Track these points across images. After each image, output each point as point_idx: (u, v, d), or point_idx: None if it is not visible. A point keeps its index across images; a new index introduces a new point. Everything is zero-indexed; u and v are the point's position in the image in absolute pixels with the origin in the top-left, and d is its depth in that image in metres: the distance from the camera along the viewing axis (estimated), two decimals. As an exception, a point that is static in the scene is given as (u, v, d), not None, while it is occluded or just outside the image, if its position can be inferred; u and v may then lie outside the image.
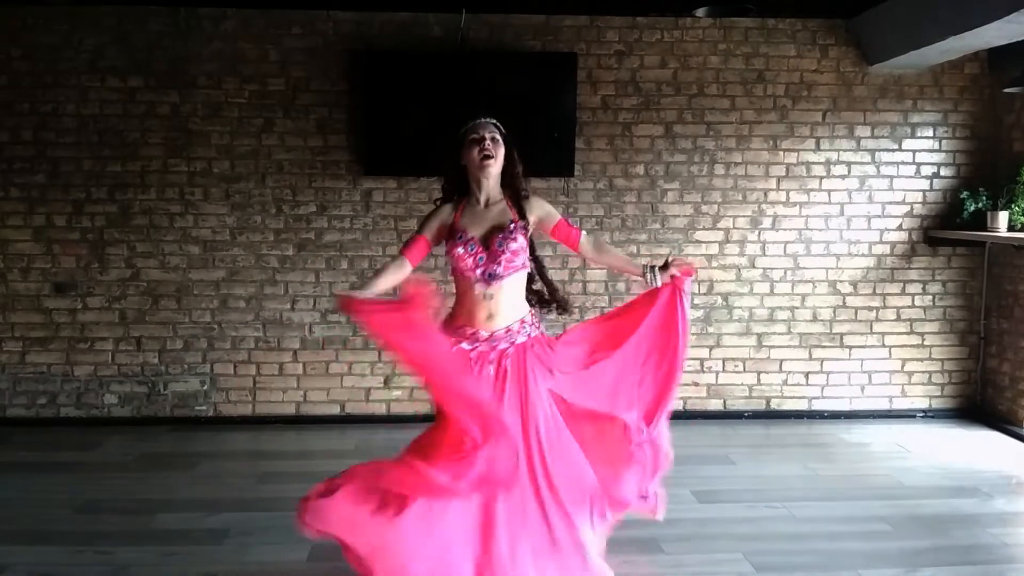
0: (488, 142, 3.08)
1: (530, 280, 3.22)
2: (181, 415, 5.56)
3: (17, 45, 5.33)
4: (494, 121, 3.16)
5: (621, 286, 5.62)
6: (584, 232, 3.24)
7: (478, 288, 3.03)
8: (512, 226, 3.06)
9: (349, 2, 5.33)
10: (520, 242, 3.06)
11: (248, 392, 5.59)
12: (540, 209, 3.18)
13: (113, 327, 5.51)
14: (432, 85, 5.37)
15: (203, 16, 5.39)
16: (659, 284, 3.16)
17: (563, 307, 3.26)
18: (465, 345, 3.03)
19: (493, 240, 3.03)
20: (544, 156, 5.42)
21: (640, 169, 5.63)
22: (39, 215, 5.43)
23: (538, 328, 3.15)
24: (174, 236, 5.49)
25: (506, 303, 3.06)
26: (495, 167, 3.10)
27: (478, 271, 3.02)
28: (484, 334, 3.03)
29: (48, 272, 5.46)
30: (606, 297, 5.65)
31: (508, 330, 3.05)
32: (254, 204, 5.50)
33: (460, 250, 3.03)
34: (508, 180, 3.17)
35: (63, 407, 5.53)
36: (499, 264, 3.01)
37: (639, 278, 3.24)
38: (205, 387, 5.57)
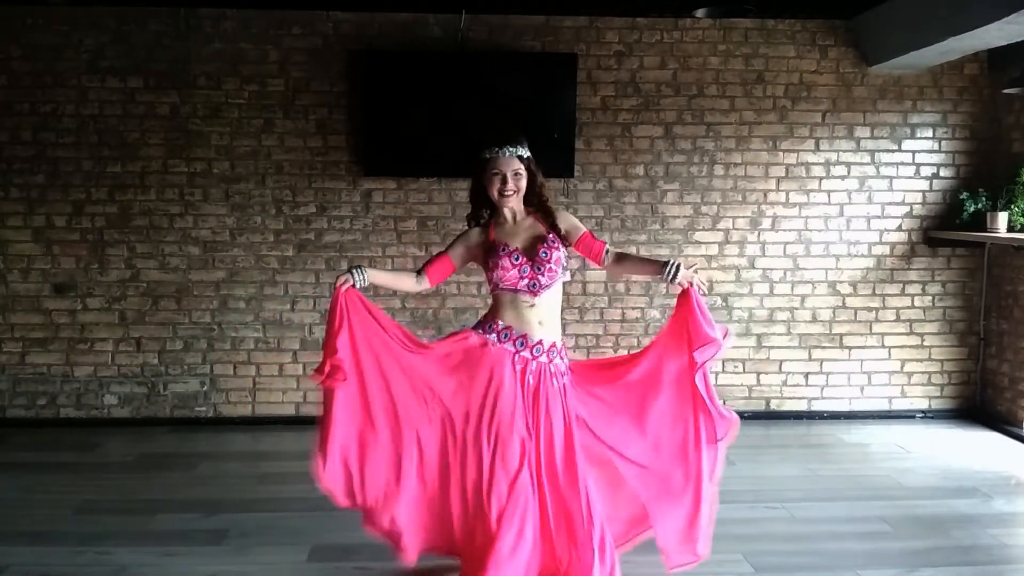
0: (511, 181, 3.09)
1: None
2: (181, 416, 5.56)
3: (17, 45, 5.33)
4: (517, 151, 3.11)
5: (620, 287, 5.63)
6: (607, 244, 3.25)
7: (523, 299, 3.08)
8: (552, 236, 3.11)
9: (349, 2, 5.33)
10: (561, 251, 3.11)
11: (248, 393, 5.58)
12: (566, 222, 3.21)
13: (113, 328, 5.51)
14: (432, 85, 5.37)
15: (203, 16, 5.39)
16: (675, 283, 3.09)
17: None
18: (509, 347, 3.08)
19: (537, 250, 3.08)
20: (544, 157, 5.28)
21: (640, 170, 5.63)
22: (39, 215, 5.43)
23: (565, 357, 3.20)
24: (174, 237, 5.49)
25: (550, 312, 3.13)
26: (516, 200, 3.14)
27: (524, 282, 3.06)
28: (534, 339, 3.08)
29: (48, 273, 5.46)
30: (605, 298, 5.65)
31: (552, 345, 3.12)
32: (254, 205, 5.50)
33: (505, 262, 3.06)
34: (532, 197, 3.19)
35: (63, 408, 5.53)
36: (543, 274, 3.06)
37: (657, 277, 3.20)
38: (205, 388, 5.57)
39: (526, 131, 5.28)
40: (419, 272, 3.22)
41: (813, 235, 5.74)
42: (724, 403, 3.19)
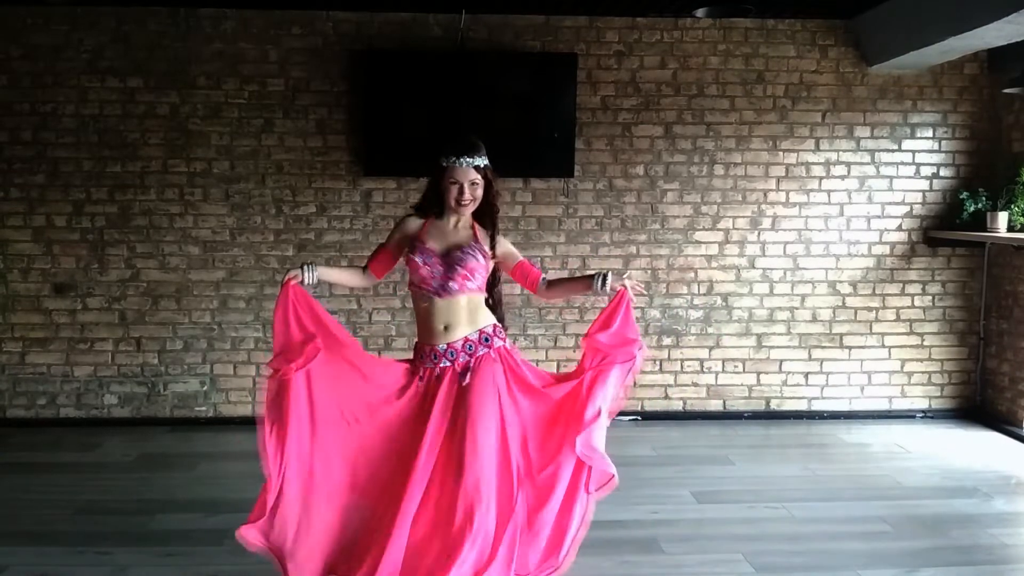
0: (467, 191, 3.05)
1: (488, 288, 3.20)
2: (181, 416, 5.56)
3: (17, 45, 5.33)
4: (475, 162, 3.04)
5: (621, 286, 5.62)
6: (543, 275, 3.24)
7: (432, 300, 3.05)
8: (473, 244, 3.07)
9: (349, 2, 5.33)
10: (479, 261, 3.06)
11: (248, 392, 5.58)
12: (503, 247, 3.19)
13: (113, 328, 5.51)
14: (432, 85, 5.37)
15: (203, 16, 5.39)
16: (607, 290, 3.10)
17: (499, 323, 3.20)
18: (428, 364, 3.05)
19: (452, 255, 3.05)
20: (544, 156, 5.45)
21: (640, 169, 5.63)
22: (39, 215, 5.43)
23: (502, 340, 3.12)
24: (174, 237, 5.49)
25: (462, 315, 3.06)
26: (470, 209, 3.11)
27: (433, 283, 3.04)
28: (442, 347, 3.04)
29: (48, 272, 5.46)
30: (606, 297, 5.63)
31: (466, 340, 3.05)
32: (254, 205, 5.50)
33: (417, 259, 3.05)
34: (485, 210, 3.15)
35: (63, 408, 5.53)
36: (454, 280, 3.03)
37: (589, 292, 3.23)
38: (205, 388, 5.57)
39: (526, 131, 5.41)
40: (364, 268, 3.25)
41: (813, 235, 5.74)
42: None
